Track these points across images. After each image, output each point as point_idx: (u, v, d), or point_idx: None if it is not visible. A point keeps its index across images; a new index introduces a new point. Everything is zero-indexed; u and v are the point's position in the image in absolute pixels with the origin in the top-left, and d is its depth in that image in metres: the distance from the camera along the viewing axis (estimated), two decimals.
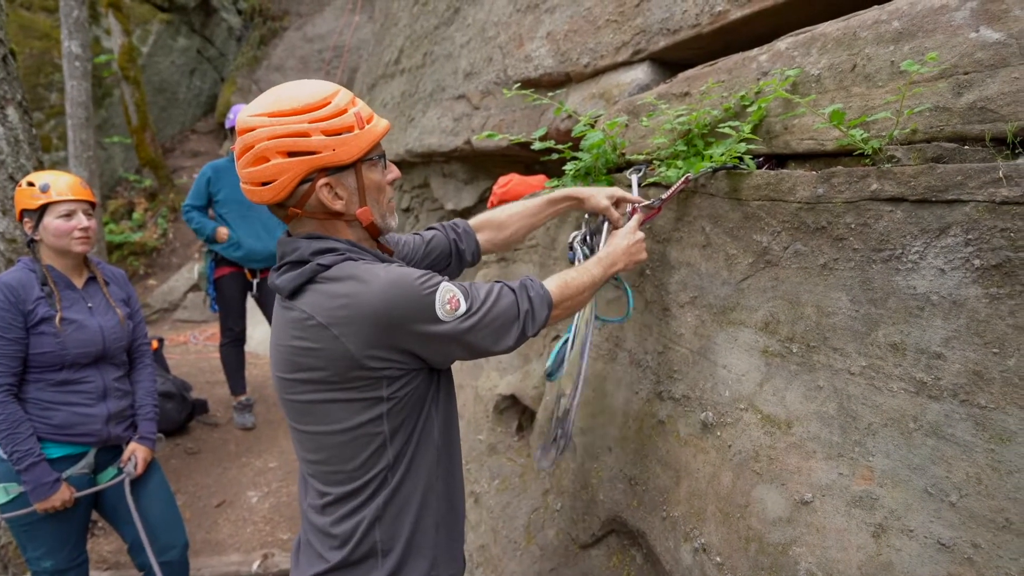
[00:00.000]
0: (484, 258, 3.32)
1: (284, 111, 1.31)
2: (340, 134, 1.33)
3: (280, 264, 1.42)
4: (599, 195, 1.88)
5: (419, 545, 1.43)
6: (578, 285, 1.60)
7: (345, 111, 1.34)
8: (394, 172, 1.51)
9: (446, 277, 1.43)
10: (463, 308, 1.37)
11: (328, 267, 1.35)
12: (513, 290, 1.48)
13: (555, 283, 1.57)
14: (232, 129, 4.55)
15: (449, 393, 1.54)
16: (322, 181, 1.35)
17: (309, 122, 1.31)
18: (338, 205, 1.39)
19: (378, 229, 1.49)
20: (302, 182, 1.35)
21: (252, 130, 1.32)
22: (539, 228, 2.15)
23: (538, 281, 1.54)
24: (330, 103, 1.33)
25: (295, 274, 1.36)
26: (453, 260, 1.88)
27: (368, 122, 1.38)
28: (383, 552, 1.40)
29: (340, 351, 1.30)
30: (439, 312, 1.33)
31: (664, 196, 1.83)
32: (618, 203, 1.89)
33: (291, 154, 1.31)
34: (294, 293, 1.37)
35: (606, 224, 1.94)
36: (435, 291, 1.34)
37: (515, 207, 1.96)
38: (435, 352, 1.39)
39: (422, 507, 1.43)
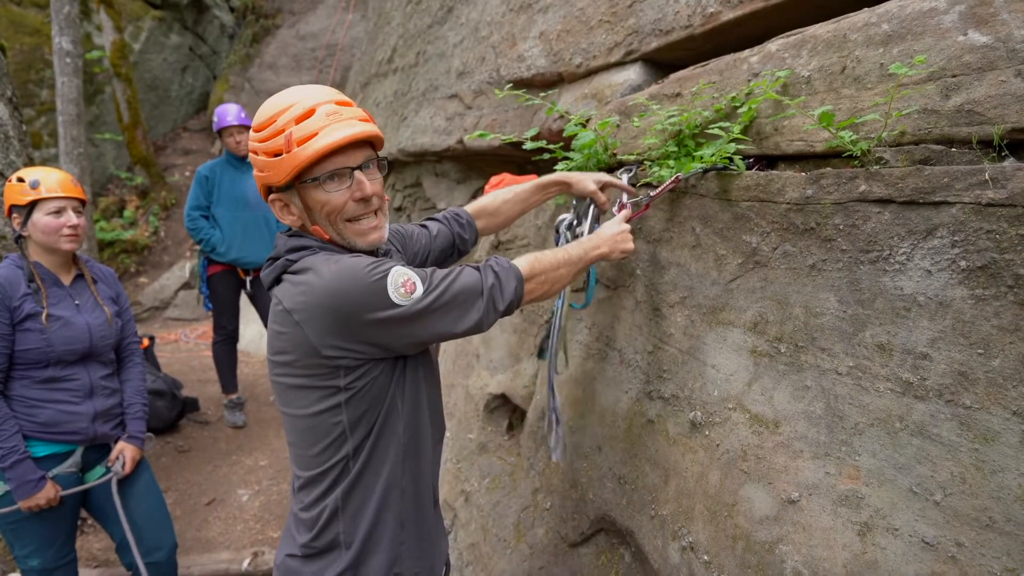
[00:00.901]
0: (475, 257, 3.32)
1: (252, 126, 1.42)
2: (274, 156, 1.36)
3: (268, 259, 1.50)
4: (587, 179, 1.94)
5: (379, 539, 1.45)
6: (551, 260, 1.59)
7: (281, 132, 1.33)
8: (361, 190, 1.39)
9: (401, 262, 1.41)
10: (420, 290, 1.36)
11: (295, 262, 1.41)
12: (477, 268, 1.48)
13: (525, 259, 1.57)
14: (219, 131, 4.60)
15: (417, 391, 1.51)
16: (272, 196, 1.45)
17: (258, 141, 1.39)
18: (288, 220, 1.46)
19: (341, 247, 1.45)
20: (268, 193, 1.46)
21: None
22: (530, 212, 2.23)
23: (504, 258, 1.55)
24: (273, 123, 1.36)
25: (271, 268, 1.45)
26: (455, 253, 1.96)
27: (300, 144, 1.31)
28: (345, 544, 1.43)
29: (301, 337, 1.34)
30: (393, 296, 1.32)
31: (653, 193, 1.84)
32: (605, 188, 1.95)
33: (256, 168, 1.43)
34: (273, 284, 1.46)
35: (591, 209, 1.99)
36: (385, 276, 1.33)
37: (506, 194, 2.02)
38: (397, 337, 1.37)
39: (383, 502, 1.44)
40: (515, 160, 4.00)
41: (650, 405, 1.95)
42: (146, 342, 4.90)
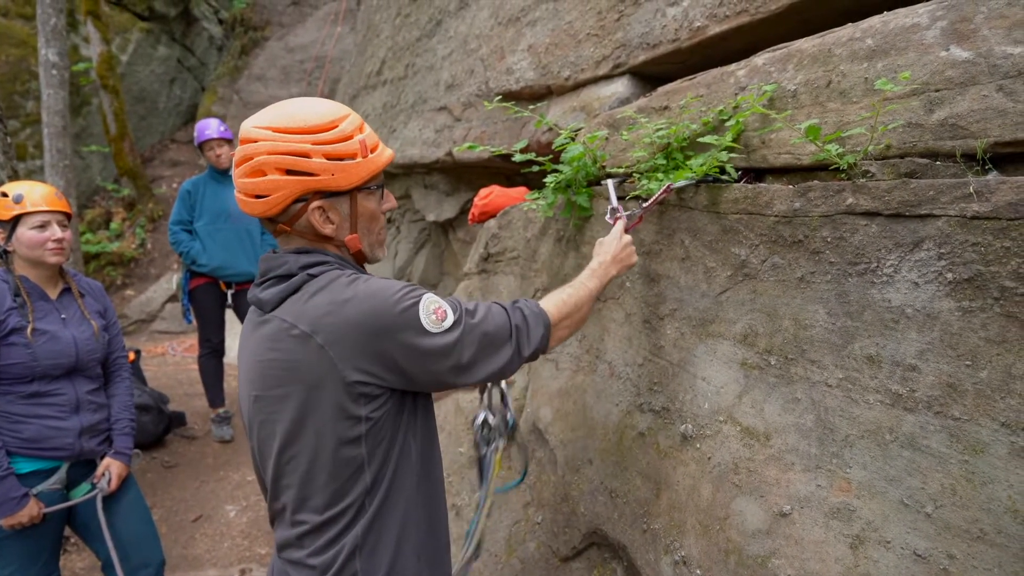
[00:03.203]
0: (465, 269, 3.32)
1: (289, 128, 1.29)
2: (342, 159, 1.31)
3: (264, 279, 1.38)
4: None
5: (399, 575, 1.36)
6: (576, 302, 1.58)
7: (350, 137, 1.33)
8: (390, 202, 1.49)
9: (431, 290, 1.39)
10: (450, 319, 1.33)
11: (316, 276, 1.33)
12: (504, 308, 1.45)
13: (552, 301, 1.54)
14: (200, 145, 4.59)
15: (427, 419, 1.47)
16: (315, 204, 1.34)
17: (312, 143, 1.29)
18: (328, 229, 1.37)
19: (365, 257, 1.47)
20: (296, 201, 1.33)
21: (254, 142, 1.30)
22: (519, 224, 2.13)
23: (533, 300, 1.51)
24: (336, 127, 1.32)
25: (282, 287, 1.33)
26: None
27: (372, 151, 1.37)
28: None
29: (323, 363, 1.26)
30: (424, 323, 1.30)
31: (645, 204, 1.84)
32: None
33: (289, 172, 1.30)
34: (277, 306, 1.33)
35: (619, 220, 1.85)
36: (418, 302, 1.30)
37: None
38: (422, 369, 1.32)
39: (402, 536, 1.37)
40: (504, 172, 4.02)
41: (641, 418, 1.95)
42: (132, 356, 4.85)
